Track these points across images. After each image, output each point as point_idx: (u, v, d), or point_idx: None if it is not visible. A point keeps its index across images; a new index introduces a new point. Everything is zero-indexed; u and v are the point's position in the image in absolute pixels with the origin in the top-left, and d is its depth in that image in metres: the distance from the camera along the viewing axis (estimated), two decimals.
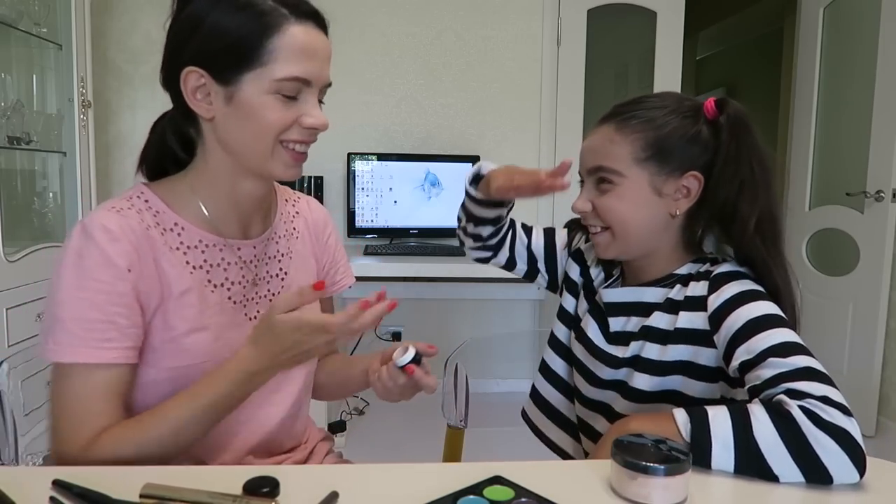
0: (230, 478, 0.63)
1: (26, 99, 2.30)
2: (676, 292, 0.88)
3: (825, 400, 0.66)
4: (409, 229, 2.77)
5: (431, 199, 2.77)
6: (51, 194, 2.38)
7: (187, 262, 0.83)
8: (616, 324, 0.93)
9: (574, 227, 1.06)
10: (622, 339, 0.91)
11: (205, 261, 0.84)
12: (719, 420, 0.68)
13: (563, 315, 1.05)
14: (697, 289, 0.85)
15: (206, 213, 0.85)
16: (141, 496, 0.60)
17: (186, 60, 0.78)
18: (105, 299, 0.75)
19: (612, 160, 0.86)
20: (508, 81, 2.97)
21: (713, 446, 0.67)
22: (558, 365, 1.04)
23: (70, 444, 0.74)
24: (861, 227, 2.64)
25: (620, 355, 0.90)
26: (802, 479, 0.65)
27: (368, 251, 2.57)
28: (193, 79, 0.78)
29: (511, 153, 2.99)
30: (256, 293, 0.90)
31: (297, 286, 0.93)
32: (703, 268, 0.88)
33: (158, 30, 0.81)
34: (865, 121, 2.60)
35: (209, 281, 0.85)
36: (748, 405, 0.69)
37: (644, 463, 0.61)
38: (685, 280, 0.88)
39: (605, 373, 0.92)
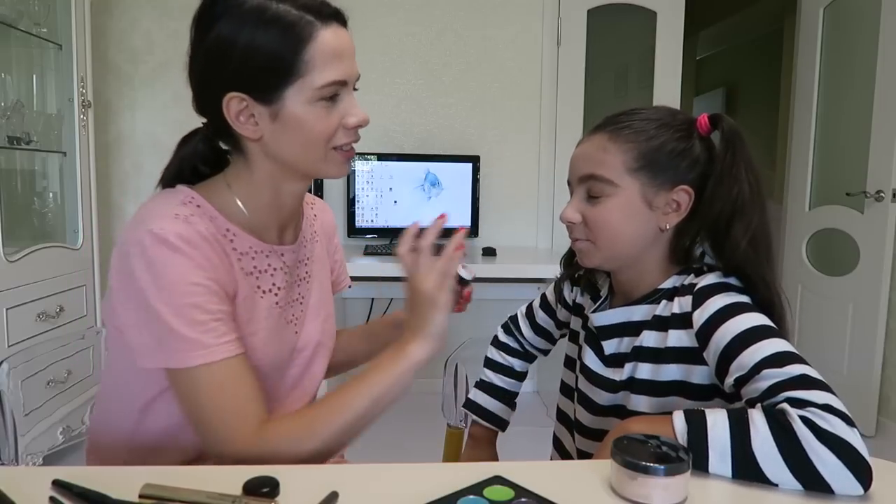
0: (230, 478, 0.63)
1: (26, 99, 2.30)
2: (663, 308, 0.87)
3: (828, 408, 0.65)
4: None
5: (431, 199, 2.77)
6: (51, 194, 2.38)
7: (242, 269, 0.83)
8: (609, 346, 0.92)
9: (561, 280, 1.08)
10: (617, 360, 0.91)
11: (255, 267, 0.86)
12: (718, 430, 0.68)
13: (574, 336, 1.05)
14: (682, 304, 0.84)
15: (250, 220, 0.86)
16: (140, 496, 0.60)
17: (225, 86, 0.77)
18: (206, 300, 0.75)
19: (605, 169, 0.85)
20: (508, 81, 2.97)
21: (710, 455, 0.67)
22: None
23: (238, 439, 0.74)
24: (861, 227, 2.64)
25: (617, 378, 0.90)
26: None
27: (368, 251, 2.57)
28: (235, 103, 0.78)
29: (511, 153, 2.99)
30: (291, 296, 0.92)
31: (318, 287, 0.97)
32: (687, 280, 0.87)
33: (158, 30, 0.81)
34: (865, 121, 2.60)
35: (258, 287, 0.86)
36: (749, 410, 0.69)
37: (644, 463, 0.61)
38: (670, 295, 0.87)
39: (604, 398, 0.92)
